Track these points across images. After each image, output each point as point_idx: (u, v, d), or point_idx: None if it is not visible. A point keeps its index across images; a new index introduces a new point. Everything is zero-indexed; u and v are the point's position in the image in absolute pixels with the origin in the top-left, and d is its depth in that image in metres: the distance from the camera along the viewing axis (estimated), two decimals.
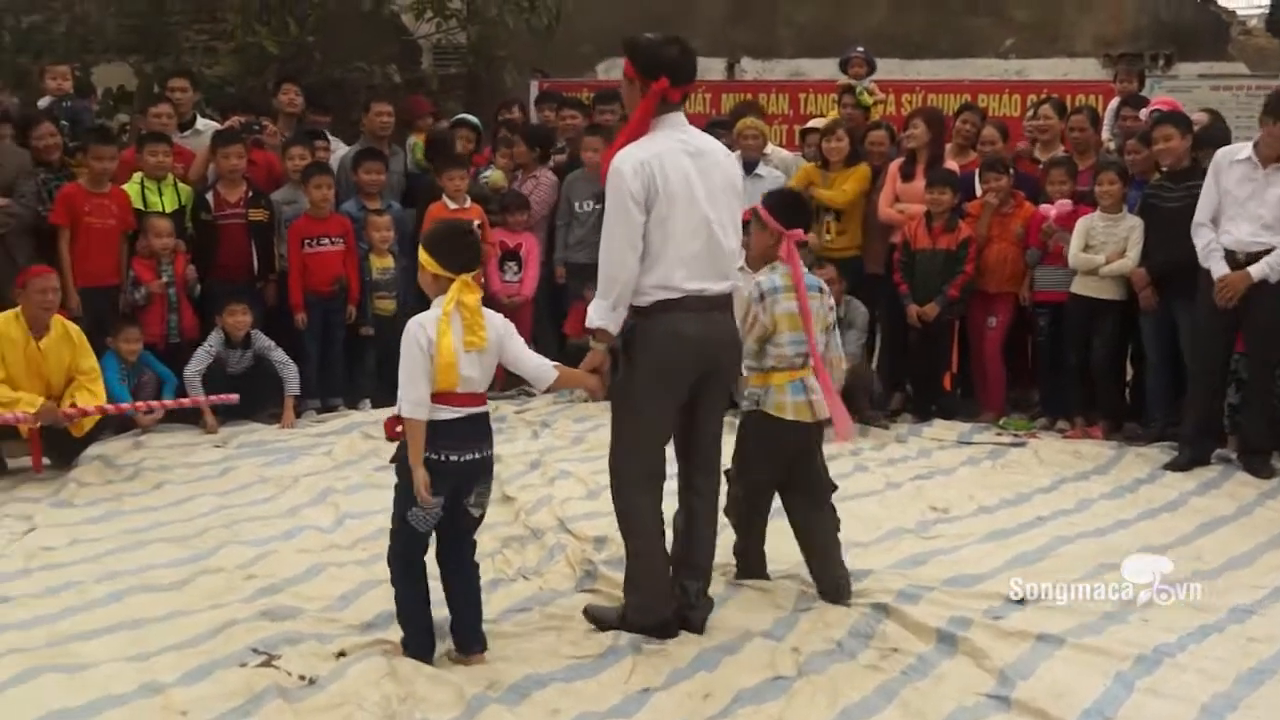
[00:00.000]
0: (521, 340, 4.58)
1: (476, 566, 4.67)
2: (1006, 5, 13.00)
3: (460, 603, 4.60)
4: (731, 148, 9.22)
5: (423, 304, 4.54)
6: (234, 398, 7.71)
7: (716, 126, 9.84)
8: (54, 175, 8.19)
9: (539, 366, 4.57)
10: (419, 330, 4.29)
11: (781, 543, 5.29)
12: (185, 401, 7.73)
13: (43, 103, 9.16)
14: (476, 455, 4.40)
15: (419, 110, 10.09)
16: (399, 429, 4.40)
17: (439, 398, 4.29)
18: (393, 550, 4.54)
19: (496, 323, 4.44)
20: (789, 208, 5.12)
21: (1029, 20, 12.92)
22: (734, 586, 5.19)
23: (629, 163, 4.46)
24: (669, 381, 4.62)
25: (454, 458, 4.34)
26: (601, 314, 4.55)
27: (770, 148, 9.34)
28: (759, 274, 5.07)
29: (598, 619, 4.85)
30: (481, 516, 4.60)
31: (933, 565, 5.57)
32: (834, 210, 8.69)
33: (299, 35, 11.29)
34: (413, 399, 4.28)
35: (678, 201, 4.49)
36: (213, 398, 7.75)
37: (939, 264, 8.18)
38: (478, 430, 4.42)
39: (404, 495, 4.38)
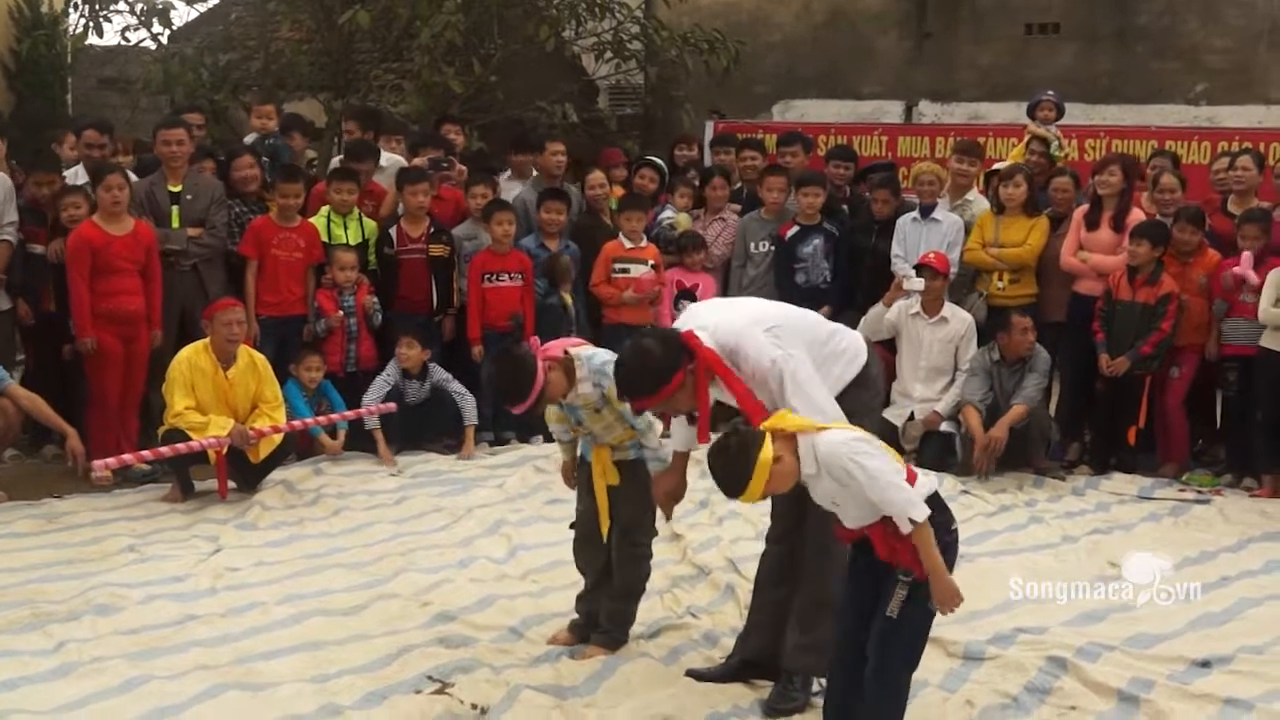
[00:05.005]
0: None
1: None
2: (1199, 49, 12.59)
3: None
4: (896, 192, 9.11)
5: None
6: (392, 406, 7.91)
7: (872, 171, 9.83)
8: (248, 208, 8.50)
9: None
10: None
11: None
12: (352, 414, 7.91)
13: (248, 139, 9.51)
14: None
15: (612, 161, 10.20)
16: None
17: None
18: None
19: None
20: None
21: (1222, 65, 12.48)
22: None
23: None
24: None
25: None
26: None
27: (973, 194, 9.05)
28: None
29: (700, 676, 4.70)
30: None
31: (1111, 623, 5.42)
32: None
33: (483, 75, 11.55)
34: (917, 498, 3.59)
35: None
36: (374, 407, 7.92)
37: (1135, 317, 7.99)
38: None
39: (914, 640, 3.78)
